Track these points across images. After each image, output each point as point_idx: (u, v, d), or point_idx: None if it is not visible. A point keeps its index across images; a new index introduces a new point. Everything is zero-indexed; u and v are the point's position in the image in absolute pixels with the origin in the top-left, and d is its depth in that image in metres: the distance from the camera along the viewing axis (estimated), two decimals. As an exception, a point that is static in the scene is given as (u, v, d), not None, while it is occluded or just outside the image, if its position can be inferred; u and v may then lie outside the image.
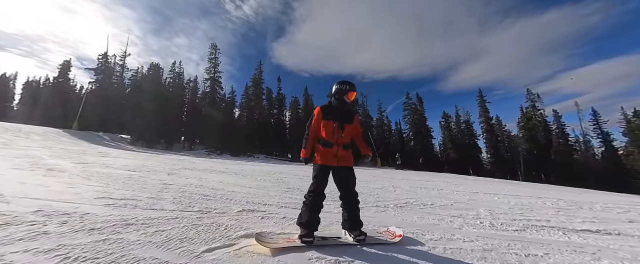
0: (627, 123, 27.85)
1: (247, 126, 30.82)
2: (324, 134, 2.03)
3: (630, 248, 2.44)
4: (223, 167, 7.59)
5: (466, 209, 3.80)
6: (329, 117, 2.04)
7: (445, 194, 5.08)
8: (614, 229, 3.09)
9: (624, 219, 3.76)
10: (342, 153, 2.04)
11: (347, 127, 2.06)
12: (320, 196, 1.98)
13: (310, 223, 1.91)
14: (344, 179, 2.05)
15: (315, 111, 2.10)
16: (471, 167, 33.48)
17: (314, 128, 2.06)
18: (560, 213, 3.90)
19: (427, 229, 2.46)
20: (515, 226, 2.94)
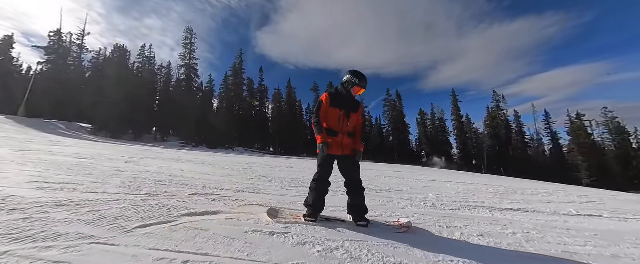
0: (571, 124, 31.93)
1: (226, 118, 29.63)
2: (329, 122, 2.02)
3: (536, 221, 2.92)
4: (192, 157, 7.32)
5: (418, 193, 4.18)
6: (336, 105, 2.02)
7: (405, 182, 5.50)
8: (532, 208, 3.64)
9: (544, 201, 4.42)
10: (347, 141, 2.04)
11: (352, 116, 2.06)
12: (325, 184, 2.00)
13: (315, 205, 1.97)
14: (349, 166, 2.04)
15: (323, 97, 2.07)
16: (443, 162, 36.06)
17: (323, 114, 2.04)
18: (496, 197, 4.47)
19: (374, 209, 2.68)
20: (453, 206, 3.33)
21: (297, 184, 3.96)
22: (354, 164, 2.06)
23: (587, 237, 2.42)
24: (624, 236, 2.53)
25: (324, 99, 2.05)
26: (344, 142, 2.03)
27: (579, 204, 4.34)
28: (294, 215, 2.01)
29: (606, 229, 2.82)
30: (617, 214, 3.66)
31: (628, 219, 3.43)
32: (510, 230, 2.41)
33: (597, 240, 2.34)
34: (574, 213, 3.56)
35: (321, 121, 2.02)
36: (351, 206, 2.05)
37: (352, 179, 2.04)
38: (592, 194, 5.92)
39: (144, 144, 19.98)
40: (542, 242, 2.14)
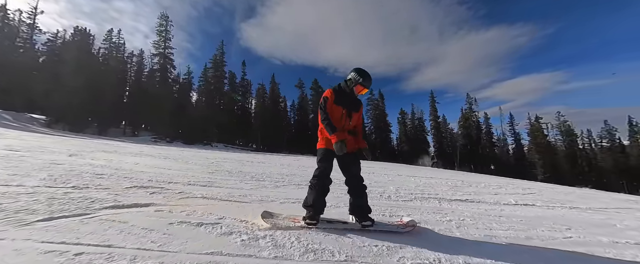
0: (530, 126, 35.36)
1: (205, 112, 28.21)
2: (332, 119, 1.94)
3: (476, 210, 3.18)
4: (156, 152, 6.87)
5: (380, 187, 4.33)
6: (339, 102, 1.97)
7: (372, 177, 5.69)
8: (478, 199, 3.96)
9: (492, 193, 4.83)
10: (350, 139, 2.00)
11: (354, 115, 2.04)
12: (326, 180, 1.92)
13: (315, 205, 1.86)
14: (349, 163, 1.98)
15: (328, 93, 2.00)
16: (420, 160, 37.97)
17: (329, 111, 1.95)
18: (451, 189, 4.79)
19: (331, 202, 2.71)
20: (406, 198, 3.50)
21: (258, 179, 3.90)
22: (355, 161, 2.02)
23: (513, 222, 2.69)
24: (543, 221, 2.85)
25: (328, 96, 1.98)
26: (348, 140, 1.99)
27: (521, 195, 4.81)
28: (292, 218, 1.89)
29: (533, 215, 3.16)
30: (548, 203, 4.12)
31: (555, 207, 3.88)
32: (448, 218, 2.59)
33: (521, 225, 2.60)
34: (512, 202, 3.94)
35: (328, 119, 1.93)
36: (353, 205, 1.99)
37: (353, 175, 1.99)
38: (535, 187, 6.62)
39: (109, 138, 18.37)
40: (472, 228, 2.33)
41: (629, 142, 35.17)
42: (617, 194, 8.03)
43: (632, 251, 2.04)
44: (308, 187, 1.96)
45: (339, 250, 1.45)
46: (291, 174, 4.68)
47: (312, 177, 1.95)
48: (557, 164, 32.45)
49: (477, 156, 36.84)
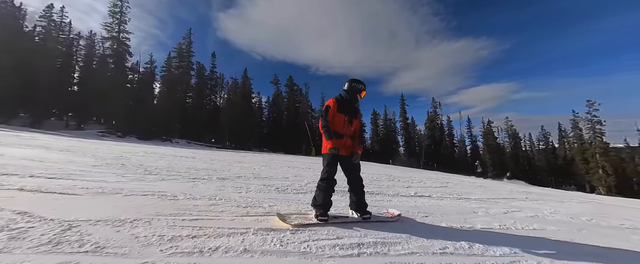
0: (484, 130, 39.65)
1: (166, 106, 25.87)
2: (336, 126, 2.20)
3: (413, 204, 3.35)
4: (66, 145, 6.01)
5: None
6: (342, 111, 2.23)
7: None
8: (422, 193, 4.19)
9: (438, 186, 5.18)
10: (350, 143, 2.27)
11: (354, 121, 2.31)
12: (332, 182, 2.16)
13: (325, 204, 2.11)
14: (351, 166, 2.24)
15: (331, 102, 2.23)
16: (391, 159, 40.01)
17: (330, 119, 2.19)
18: (397, 184, 5.03)
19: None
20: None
21: (153, 172, 3.60)
22: (355, 164, 2.28)
23: (400, 209, 2.84)
24: (416, 211, 3.02)
25: (331, 105, 2.22)
26: (347, 144, 2.25)
27: (432, 188, 5.20)
28: (303, 217, 2.11)
29: (427, 205, 3.41)
30: (448, 195, 4.48)
31: (445, 198, 4.21)
32: (385, 210, 2.72)
33: (402, 213, 2.77)
34: (412, 194, 4.16)
35: (331, 126, 2.18)
36: (355, 203, 2.26)
37: (353, 176, 2.25)
38: (453, 181, 7.34)
39: (41, 131, 15.80)
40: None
41: (558, 145, 41.58)
42: (524, 187, 9.31)
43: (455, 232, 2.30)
44: (316, 188, 2.20)
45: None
46: (198, 169, 4.43)
47: (320, 179, 2.18)
48: (503, 163, 36.92)
49: (440, 156, 40.08)
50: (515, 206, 3.98)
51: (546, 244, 2.16)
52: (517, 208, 3.80)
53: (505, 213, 3.36)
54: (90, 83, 24.97)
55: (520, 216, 3.19)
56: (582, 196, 7.46)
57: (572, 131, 34.73)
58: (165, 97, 27.44)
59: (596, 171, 29.26)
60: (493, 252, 1.76)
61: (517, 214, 3.34)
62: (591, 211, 4.30)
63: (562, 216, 3.53)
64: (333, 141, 2.10)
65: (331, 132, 2.14)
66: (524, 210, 3.68)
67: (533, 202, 4.67)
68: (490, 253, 1.76)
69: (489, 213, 3.25)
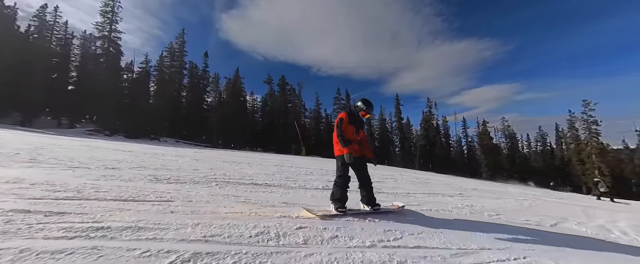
0: (479, 130, 39.27)
1: (156, 104, 25.92)
2: (347, 134, 2.68)
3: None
4: (16, 139, 5.95)
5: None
6: (352, 123, 2.75)
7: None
8: (409, 192, 4.07)
9: (422, 184, 5.05)
10: (358, 147, 2.75)
11: (360, 131, 2.85)
12: (347, 179, 2.59)
13: (342, 198, 2.51)
14: (360, 165, 2.70)
15: (343, 116, 2.72)
16: (386, 159, 39.76)
17: (344, 129, 2.64)
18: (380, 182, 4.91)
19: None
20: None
21: (41, 161, 3.49)
22: (363, 164, 2.76)
23: None
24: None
25: (344, 118, 2.71)
26: (355, 148, 2.72)
27: (411, 185, 5.09)
28: (324, 210, 2.48)
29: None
30: (419, 194, 4.36)
31: (410, 194, 4.13)
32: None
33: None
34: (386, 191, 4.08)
35: (346, 136, 2.64)
36: (365, 197, 2.71)
37: (363, 174, 2.70)
38: (433, 180, 7.18)
39: (27, 129, 15.86)
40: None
41: (556, 145, 41.06)
42: (492, 185, 9.11)
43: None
44: (333, 184, 2.62)
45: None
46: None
47: (336, 177, 2.61)
48: (499, 163, 36.49)
49: (435, 156, 39.74)
50: (442, 201, 3.84)
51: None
52: (441, 202, 3.66)
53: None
54: (83, 82, 25.14)
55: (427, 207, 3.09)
56: (532, 193, 7.28)
57: (568, 131, 34.27)
58: (156, 96, 27.53)
59: (592, 172, 28.80)
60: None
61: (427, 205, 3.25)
62: (509, 206, 4.16)
63: (464, 209, 3.44)
64: (348, 147, 2.57)
65: (346, 140, 2.60)
66: (442, 203, 3.55)
67: (461, 197, 4.51)
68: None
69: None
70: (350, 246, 1.63)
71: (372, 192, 2.71)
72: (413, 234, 2.00)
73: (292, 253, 1.40)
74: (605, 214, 4.40)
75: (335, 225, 2.02)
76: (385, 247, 1.69)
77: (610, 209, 5.62)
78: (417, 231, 2.08)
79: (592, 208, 5.27)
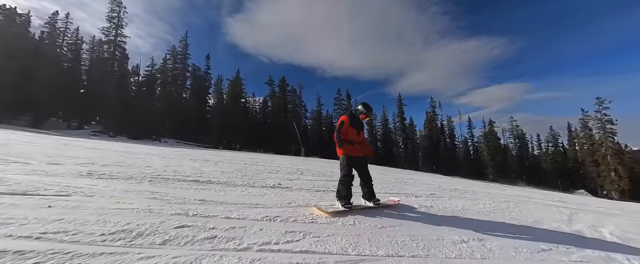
0: (484, 130, 37.88)
1: (158, 106, 26.57)
2: (349, 136, 2.89)
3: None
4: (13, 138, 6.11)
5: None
6: (353, 125, 2.94)
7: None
8: (378, 192, 3.93)
9: (398, 183, 4.84)
10: (359, 148, 2.95)
11: (360, 133, 3.05)
12: (352, 177, 2.77)
13: (348, 195, 2.70)
14: (362, 165, 2.93)
15: (345, 118, 2.92)
16: (388, 160, 39.01)
17: (345, 131, 2.86)
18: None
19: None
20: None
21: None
22: (364, 163, 2.97)
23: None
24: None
25: (345, 120, 2.90)
26: (357, 149, 2.93)
27: (385, 184, 4.86)
28: (333, 207, 2.68)
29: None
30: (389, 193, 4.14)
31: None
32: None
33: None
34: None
35: (343, 137, 2.83)
36: (367, 193, 2.94)
37: (364, 172, 2.92)
38: (416, 180, 6.85)
39: (26, 129, 16.56)
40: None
41: (568, 146, 38.99)
42: (486, 187, 8.61)
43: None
44: (339, 182, 2.78)
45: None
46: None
47: (341, 176, 2.78)
48: (506, 165, 35.02)
49: (439, 157, 38.65)
50: (404, 201, 3.60)
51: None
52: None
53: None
54: (90, 85, 26.13)
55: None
56: (525, 195, 6.78)
57: (581, 131, 32.44)
58: (158, 98, 28.21)
59: (608, 173, 27.07)
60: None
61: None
62: (478, 208, 3.83)
63: (420, 209, 3.18)
64: (351, 149, 2.84)
65: (343, 141, 2.81)
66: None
67: (431, 198, 4.21)
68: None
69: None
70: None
71: (372, 189, 2.96)
72: (319, 237, 1.79)
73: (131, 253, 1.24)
74: (593, 218, 3.98)
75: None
76: (261, 251, 1.49)
77: (608, 212, 5.12)
78: (326, 234, 1.87)
79: (584, 211, 4.82)
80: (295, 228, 1.92)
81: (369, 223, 2.29)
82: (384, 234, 2.00)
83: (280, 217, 2.16)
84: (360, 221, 2.30)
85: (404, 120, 41.62)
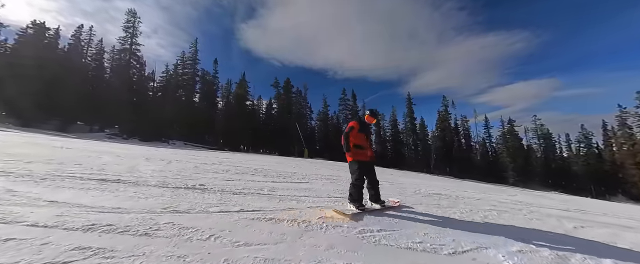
0: (503, 130, 35.05)
1: (168, 109, 27.82)
2: (358, 141, 3.02)
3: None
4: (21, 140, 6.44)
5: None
6: (362, 131, 3.09)
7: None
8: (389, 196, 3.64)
9: (389, 189, 4.47)
10: (369, 153, 3.11)
11: (368, 138, 3.23)
12: (363, 181, 2.94)
13: (360, 198, 2.88)
14: (370, 169, 3.07)
15: (354, 124, 3.03)
16: (398, 162, 37.48)
17: (354, 136, 2.99)
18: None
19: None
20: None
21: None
22: (372, 167, 3.10)
23: None
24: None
25: (355, 126, 3.02)
26: (367, 154, 3.09)
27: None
28: (349, 210, 2.79)
29: None
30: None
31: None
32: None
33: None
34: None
35: (351, 141, 2.95)
36: (374, 195, 3.09)
37: (372, 177, 3.06)
38: (403, 182, 6.22)
39: (57, 134, 17.96)
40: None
41: (604, 147, 34.86)
42: (485, 192, 7.65)
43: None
44: (351, 186, 2.92)
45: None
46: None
47: (353, 180, 2.91)
48: (529, 168, 32.05)
49: (453, 159, 36.42)
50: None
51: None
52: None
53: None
54: (109, 91, 28.05)
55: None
56: (528, 202, 5.85)
57: (619, 129, 28.84)
58: (169, 102, 29.55)
59: (654, 178, 23.70)
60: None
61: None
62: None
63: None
64: (361, 154, 3.00)
65: (351, 147, 2.93)
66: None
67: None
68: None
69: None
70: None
71: (379, 192, 3.10)
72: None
73: None
74: (602, 234, 3.19)
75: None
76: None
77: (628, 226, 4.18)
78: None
79: (597, 224, 3.95)
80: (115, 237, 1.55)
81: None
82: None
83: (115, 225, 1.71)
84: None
85: (414, 120, 39.90)
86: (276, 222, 2.18)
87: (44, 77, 23.22)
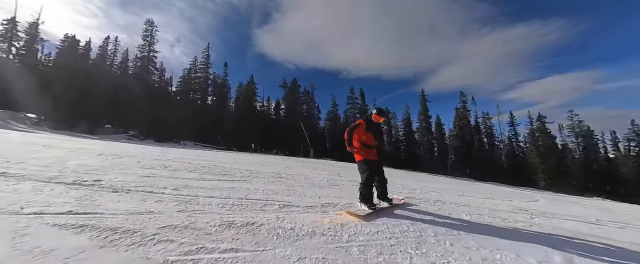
0: (532, 127, 31.42)
1: (185, 112, 29.28)
2: (366, 139, 3.04)
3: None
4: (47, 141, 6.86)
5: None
6: (369, 130, 3.08)
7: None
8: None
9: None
10: (377, 151, 3.15)
11: (377, 137, 3.20)
12: (373, 180, 2.96)
13: (370, 198, 2.90)
14: (379, 167, 3.10)
15: (361, 122, 3.07)
16: (411, 162, 35.52)
17: (359, 133, 3.04)
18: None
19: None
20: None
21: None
22: (381, 166, 3.15)
23: None
24: None
25: (361, 124, 3.05)
26: (375, 153, 3.12)
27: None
28: (361, 210, 2.81)
29: None
30: None
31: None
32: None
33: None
34: None
35: (355, 137, 3.03)
36: (382, 194, 3.15)
37: (381, 175, 3.10)
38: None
39: (84, 135, 19.63)
40: None
41: (661, 145, 29.64)
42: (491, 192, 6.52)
43: None
44: (361, 186, 2.90)
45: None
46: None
47: (364, 179, 2.89)
48: (563, 169, 28.32)
49: (472, 159, 33.55)
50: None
51: None
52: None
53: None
54: (130, 96, 30.27)
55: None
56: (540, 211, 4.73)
57: (681, 124, 24.27)
58: (184, 104, 31.06)
59: None
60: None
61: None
62: None
63: None
64: (368, 152, 3.03)
65: (352, 141, 2.99)
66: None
67: None
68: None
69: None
70: None
71: (386, 190, 3.14)
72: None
73: None
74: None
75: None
76: None
77: None
78: None
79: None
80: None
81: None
82: None
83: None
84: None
85: (429, 118, 37.56)
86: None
87: (76, 86, 25.67)
